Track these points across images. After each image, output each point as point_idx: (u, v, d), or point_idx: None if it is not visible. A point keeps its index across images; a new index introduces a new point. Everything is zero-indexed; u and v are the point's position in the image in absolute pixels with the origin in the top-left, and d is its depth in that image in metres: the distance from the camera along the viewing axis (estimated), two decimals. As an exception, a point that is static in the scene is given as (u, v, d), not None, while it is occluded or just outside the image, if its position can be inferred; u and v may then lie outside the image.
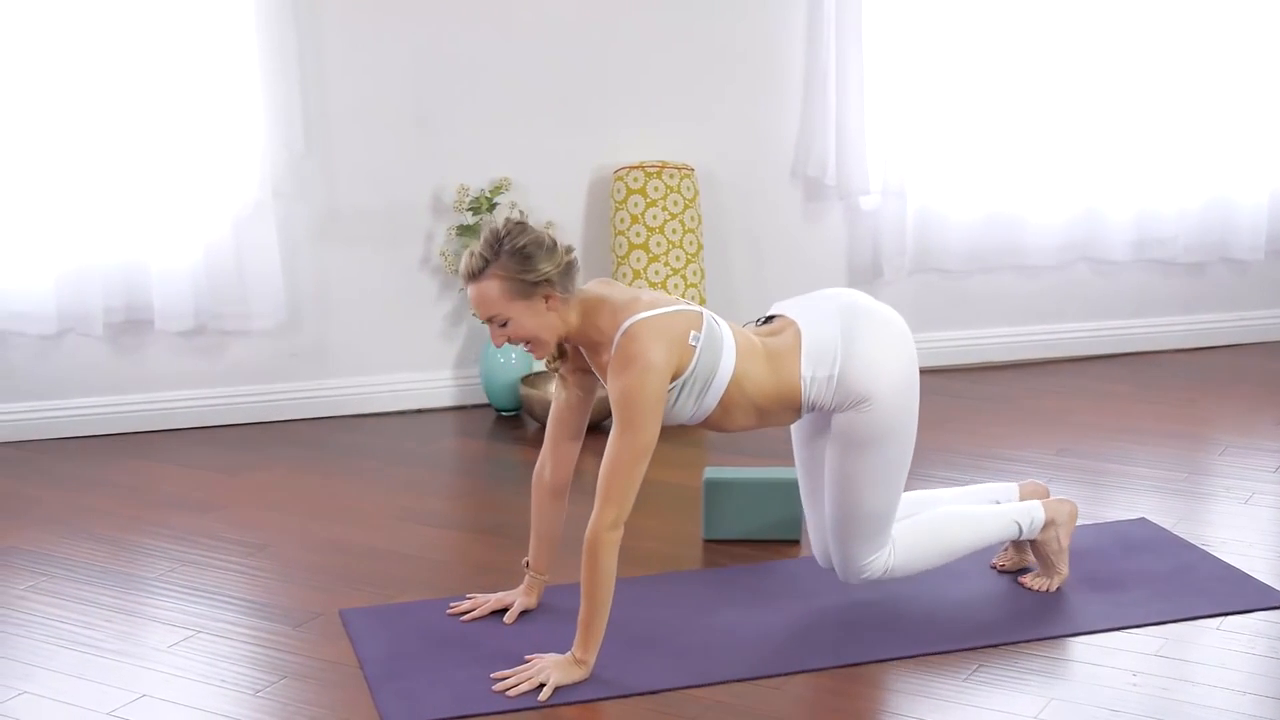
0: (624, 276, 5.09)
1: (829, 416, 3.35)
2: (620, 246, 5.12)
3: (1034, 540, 3.61)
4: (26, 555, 3.95)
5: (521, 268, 3.12)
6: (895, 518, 3.44)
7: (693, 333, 3.19)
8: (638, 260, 5.08)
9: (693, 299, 5.08)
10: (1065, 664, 3.29)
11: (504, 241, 3.14)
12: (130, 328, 4.93)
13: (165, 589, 3.74)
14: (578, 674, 3.17)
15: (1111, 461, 4.56)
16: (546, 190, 5.20)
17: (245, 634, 3.48)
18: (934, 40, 5.34)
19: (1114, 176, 5.58)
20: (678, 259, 5.09)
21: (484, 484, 4.62)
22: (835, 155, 5.35)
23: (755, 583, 3.71)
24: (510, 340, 3.19)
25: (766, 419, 3.36)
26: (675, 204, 5.11)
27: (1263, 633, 3.41)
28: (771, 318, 3.43)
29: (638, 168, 5.12)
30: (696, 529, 4.07)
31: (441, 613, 3.53)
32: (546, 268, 3.13)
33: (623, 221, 5.11)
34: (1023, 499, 3.71)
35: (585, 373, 3.38)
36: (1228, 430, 4.86)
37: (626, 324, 3.14)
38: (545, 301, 3.15)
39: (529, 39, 5.12)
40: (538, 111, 5.17)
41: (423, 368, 5.23)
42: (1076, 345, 5.77)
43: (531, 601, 3.53)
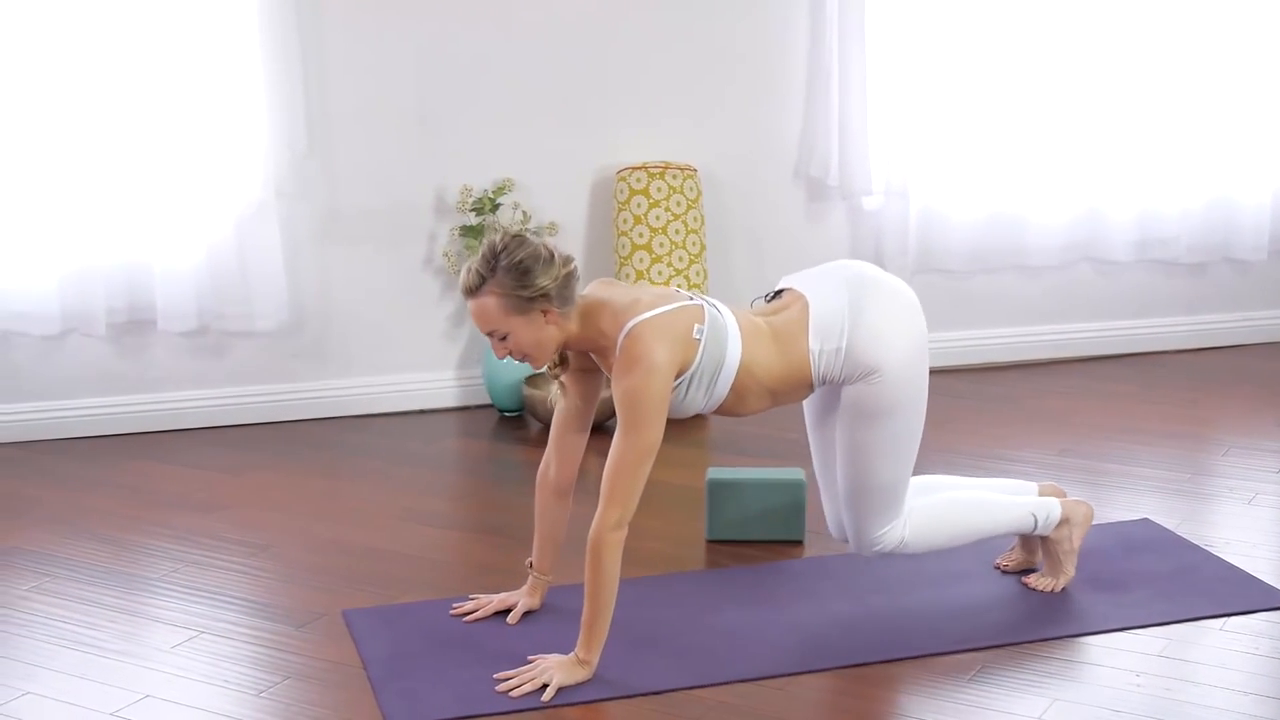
0: (627, 277, 5.09)
1: (839, 389, 3.36)
2: (623, 247, 5.12)
3: (1046, 538, 3.61)
4: (29, 555, 3.95)
5: (518, 283, 3.12)
6: (908, 489, 3.44)
7: (696, 326, 3.19)
8: (640, 261, 5.08)
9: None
10: (1068, 664, 3.29)
11: (500, 257, 3.13)
12: (133, 328, 4.93)
13: (168, 589, 3.74)
14: (581, 674, 3.18)
15: (1114, 462, 4.56)
16: (549, 191, 5.20)
17: (248, 634, 3.48)
18: (937, 40, 5.34)
19: (1116, 177, 5.58)
20: (680, 260, 5.09)
21: (487, 484, 4.62)
22: (838, 155, 5.35)
23: (758, 583, 3.71)
24: (511, 353, 3.20)
25: (780, 399, 3.36)
26: (678, 204, 5.11)
27: (1266, 633, 3.41)
28: (780, 292, 3.44)
29: (640, 168, 5.12)
30: (699, 529, 4.07)
31: (444, 613, 3.54)
32: (543, 282, 3.13)
33: (626, 222, 5.11)
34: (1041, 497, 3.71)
35: (587, 377, 3.38)
36: (1230, 430, 4.86)
37: (629, 326, 3.14)
38: (544, 315, 3.16)
39: (532, 39, 5.12)
40: (541, 112, 5.17)
41: (425, 368, 5.24)
42: (1079, 345, 5.77)
43: (535, 602, 3.53)
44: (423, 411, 5.23)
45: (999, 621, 3.48)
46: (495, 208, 5.05)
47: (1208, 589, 3.62)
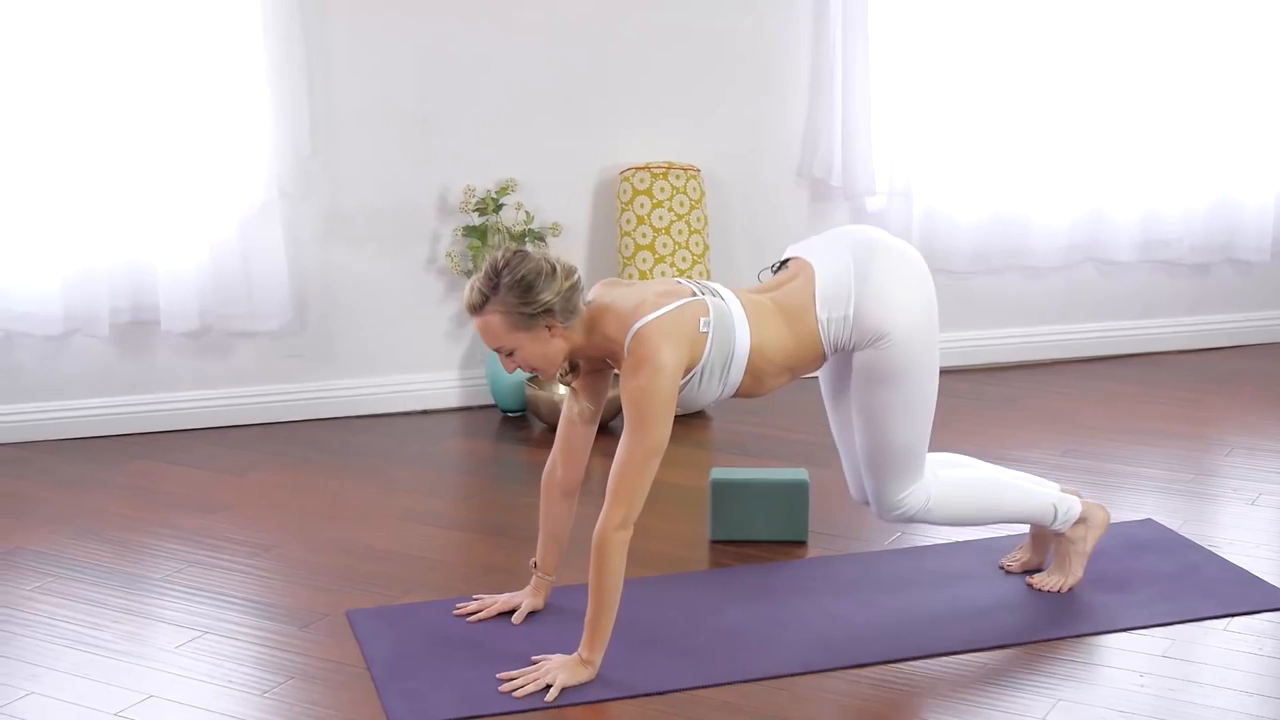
0: (630, 277, 5.09)
1: (850, 355, 3.36)
2: (626, 247, 5.12)
3: (1061, 536, 3.61)
4: (33, 556, 3.96)
5: (521, 300, 3.12)
6: (926, 451, 3.44)
7: (702, 319, 3.20)
8: (644, 261, 5.08)
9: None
10: (1072, 665, 3.29)
11: (502, 274, 3.13)
12: (136, 328, 4.94)
13: (172, 590, 3.74)
14: (584, 674, 3.18)
15: (1117, 462, 4.56)
16: (552, 191, 5.20)
17: (252, 635, 3.48)
18: (940, 41, 5.34)
19: (1119, 177, 5.58)
20: (684, 260, 5.09)
21: (490, 485, 4.62)
22: (841, 156, 5.35)
23: (761, 583, 3.71)
24: (520, 367, 3.21)
25: (797, 372, 3.37)
26: (681, 205, 5.11)
27: (1269, 634, 3.41)
28: (786, 262, 3.44)
29: (644, 169, 5.12)
30: (703, 530, 4.07)
31: (448, 614, 3.54)
32: (547, 297, 3.13)
33: (629, 222, 5.12)
34: None
35: (595, 377, 3.39)
36: (1234, 431, 4.86)
37: (635, 327, 3.14)
38: (549, 330, 3.16)
39: (535, 40, 5.12)
40: (544, 112, 5.17)
41: (428, 368, 5.24)
42: (1082, 346, 5.77)
43: (539, 602, 3.53)
44: (426, 412, 5.23)
45: (1003, 622, 3.48)
46: (498, 208, 5.05)
47: (1211, 589, 3.62)
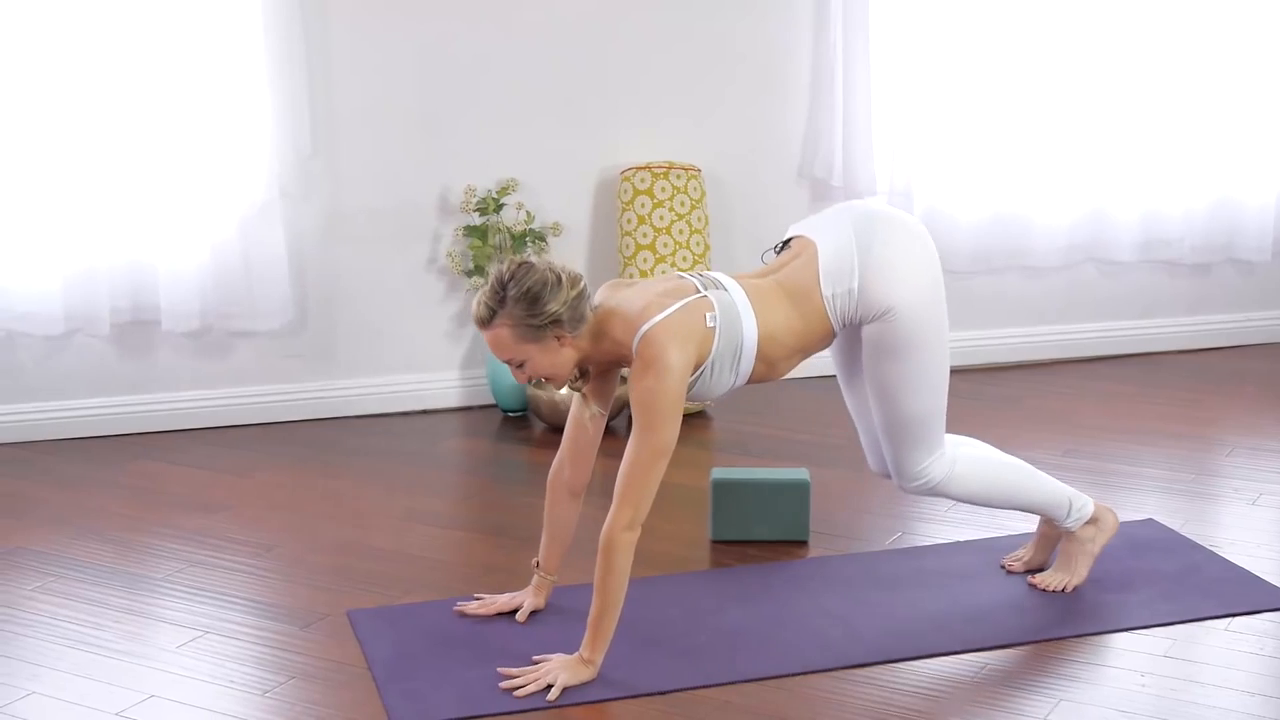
0: (630, 277, 5.08)
1: (859, 329, 3.37)
2: (627, 247, 5.12)
3: (1071, 535, 3.62)
4: (34, 555, 3.96)
5: (528, 312, 3.12)
6: (943, 420, 3.44)
7: (708, 315, 3.20)
8: (644, 261, 5.08)
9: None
10: (1073, 664, 3.29)
11: (509, 287, 3.13)
12: (137, 328, 4.94)
13: (173, 589, 3.74)
14: (586, 674, 3.17)
15: (1118, 462, 4.56)
16: (553, 191, 5.20)
17: (253, 635, 3.48)
18: (941, 41, 5.34)
19: (1120, 177, 5.58)
20: (684, 260, 5.09)
21: (491, 485, 4.62)
22: (842, 156, 5.35)
23: (762, 583, 3.71)
24: (530, 378, 3.22)
25: (809, 352, 3.38)
26: (682, 205, 5.11)
27: (1271, 634, 3.41)
28: (789, 241, 3.44)
29: (644, 168, 5.12)
30: (704, 530, 4.07)
31: (449, 613, 3.53)
32: (554, 307, 3.13)
33: (629, 222, 5.12)
34: None
35: (602, 378, 3.39)
36: (1235, 431, 4.86)
37: (642, 330, 3.15)
38: (558, 340, 3.17)
39: (536, 40, 5.12)
40: (544, 112, 5.17)
41: (429, 368, 5.24)
42: (1083, 346, 5.77)
43: (540, 602, 3.53)
44: (426, 412, 5.23)
45: (1005, 621, 3.48)
46: (499, 208, 5.05)
47: (1212, 589, 3.62)
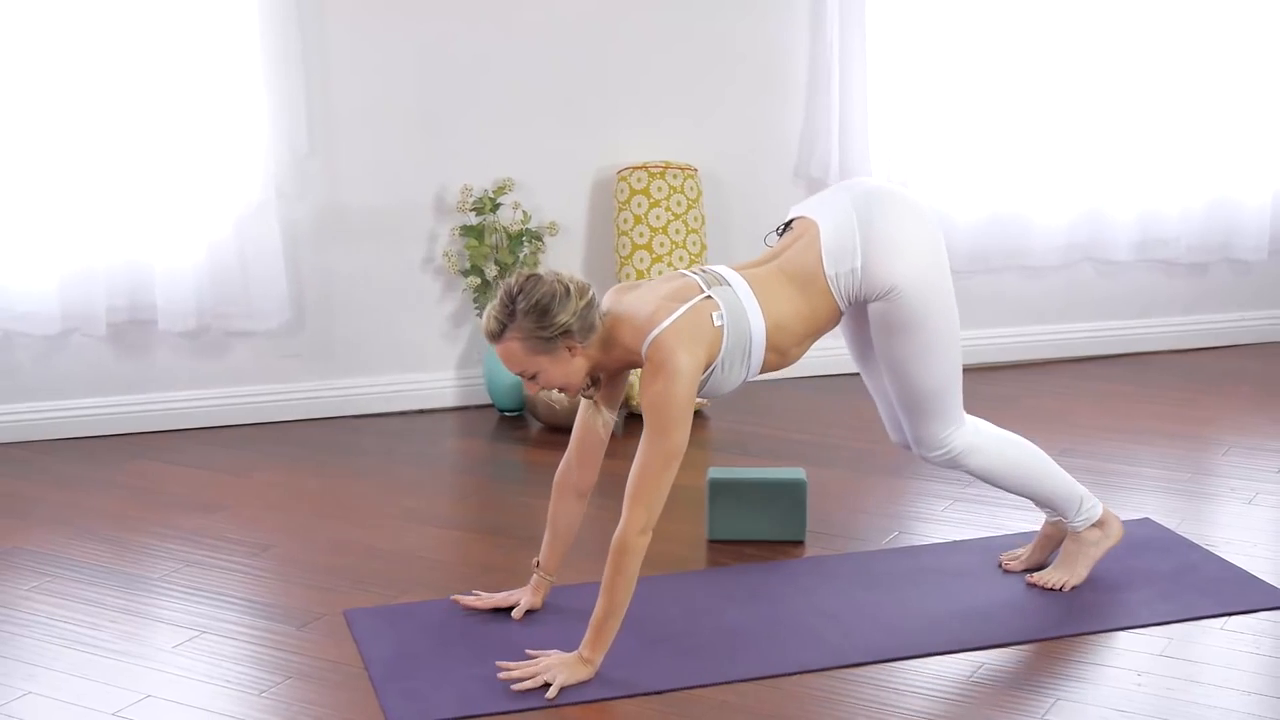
0: (627, 277, 5.09)
1: (865, 307, 3.38)
2: (623, 247, 5.12)
3: (1076, 535, 3.63)
4: (30, 555, 3.95)
5: (538, 324, 3.12)
6: (960, 390, 3.45)
7: (714, 314, 3.21)
8: (641, 261, 5.08)
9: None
10: (1070, 664, 3.29)
11: (518, 300, 3.14)
12: (134, 328, 4.94)
13: (169, 589, 3.74)
14: (584, 673, 3.17)
15: (1115, 462, 4.56)
16: (549, 191, 5.20)
17: (249, 634, 3.48)
18: (938, 40, 5.35)
19: (1117, 177, 5.58)
20: (681, 259, 5.09)
21: (487, 484, 4.61)
22: (838, 155, 5.36)
23: (759, 583, 3.71)
24: (544, 388, 3.22)
25: (818, 334, 3.39)
26: (679, 204, 5.11)
27: (1267, 633, 3.41)
28: (791, 223, 3.44)
29: (641, 168, 5.12)
30: (700, 529, 4.07)
31: (446, 613, 3.53)
32: (564, 318, 3.13)
33: (626, 222, 5.11)
34: None
35: (611, 381, 3.39)
36: (1231, 430, 4.86)
37: (651, 336, 3.15)
38: (569, 351, 3.17)
39: (532, 39, 5.12)
40: (541, 112, 5.17)
41: (426, 368, 5.24)
42: (1080, 345, 5.77)
43: (537, 601, 3.53)
44: (423, 411, 5.23)
45: (1001, 620, 3.48)
46: (495, 207, 5.05)
47: (1209, 588, 3.62)
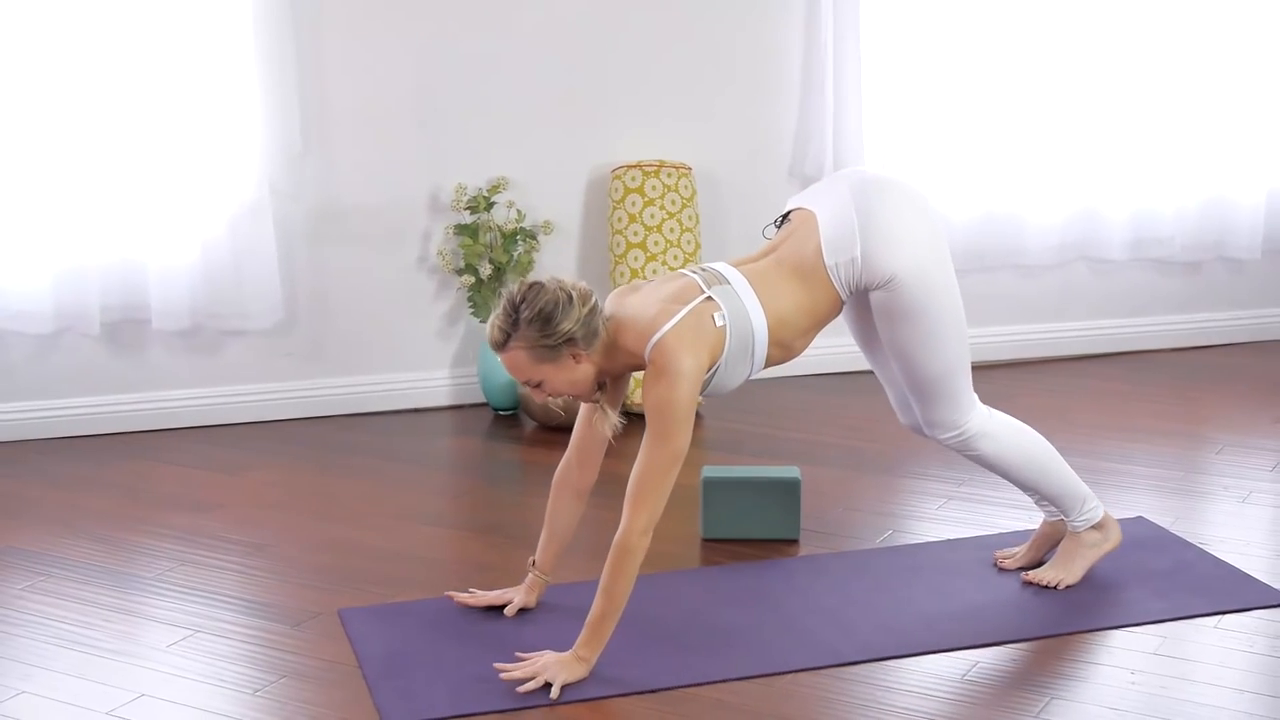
0: (622, 275, 5.09)
1: (867, 295, 3.38)
2: (618, 245, 5.12)
3: (1076, 535, 3.64)
4: (24, 555, 3.95)
5: (542, 333, 3.13)
6: (969, 371, 3.45)
7: (715, 315, 3.21)
8: (635, 259, 5.08)
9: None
10: (1064, 662, 3.29)
11: (521, 309, 3.14)
12: (127, 327, 4.93)
13: (164, 589, 3.74)
14: (580, 672, 3.17)
15: (1109, 460, 4.57)
16: (544, 189, 5.20)
17: (244, 633, 3.48)
18: (932, 40, 5.35)
19: (1112, 176, 5.59)
20: (675, 258, 5.09)
21: (482, 483, 4.61)
22: (833, 154, 5.36)
23: (753, 581, 3.71)
24: (550, 396, 3.23)
25: (822, 325, 3.39)
26: (673, 203, 5.11)
27: (1261, 631, 3.41)
28: (790, 214, 3.44)
29: (635, 166, 5.12)
30: (694, 528, 4.07)
31: (440, 612, 3.53)
32: (567, 326, 3.13)
33: (620, 220, 5.11)
34: None
35: (615, 392, 3.39)
36: (1225, 429, 4.87)
37: (654, 339, 3.16)
38: (573, 358, 3.17)
39: (527, 38, 5.12)
40: (535, 110, 5.17)
41: (420, 367, 5.23)
42: (1074, 344, 5.78)
43: (531, 600, 3.53)
44: (417, 410, 5.23)
45: (996, 619, 3.48)
46: (489, 206, 5.05)
47: (1203, 587, 3.63)
